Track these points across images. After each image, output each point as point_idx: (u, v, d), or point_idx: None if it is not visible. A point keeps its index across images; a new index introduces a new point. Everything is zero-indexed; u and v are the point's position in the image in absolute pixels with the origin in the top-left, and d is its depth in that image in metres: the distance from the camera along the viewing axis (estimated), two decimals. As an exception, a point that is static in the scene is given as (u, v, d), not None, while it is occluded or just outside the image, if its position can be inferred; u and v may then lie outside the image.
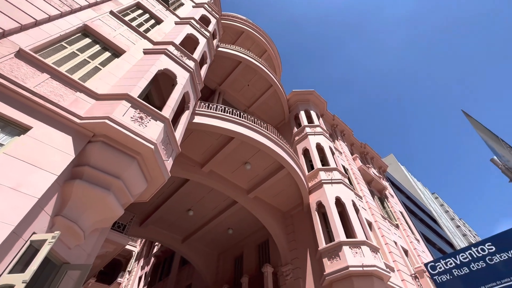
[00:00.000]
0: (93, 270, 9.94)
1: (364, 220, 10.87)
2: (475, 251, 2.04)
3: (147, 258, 26.77)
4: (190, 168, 10.48)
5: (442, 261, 2.19)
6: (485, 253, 1.99)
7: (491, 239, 2.00)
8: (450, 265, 2.10)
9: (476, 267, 1.98)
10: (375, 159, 22.75)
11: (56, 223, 4.16)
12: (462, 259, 2.08)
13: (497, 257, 1.91)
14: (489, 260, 1.95)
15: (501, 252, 1.91)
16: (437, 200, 50.92)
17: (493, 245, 1.98)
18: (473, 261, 2.01)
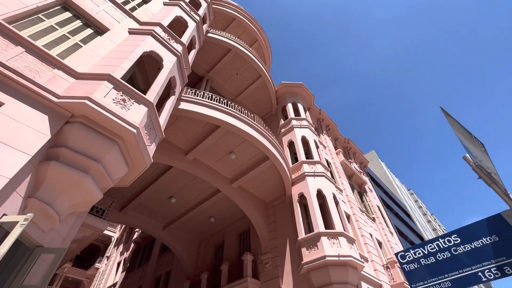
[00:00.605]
0: (69, 254, 9.71)
1: (343, 212, 11.24)
2: (442, 242, 2.18)
3: (127, 244, 26.49)
4: (174, 155, 10.33)
5: (411, 251, 2.32)
6: (451, 244, 2.13)
7: (457, 231, 2.15)
8: (419, 255, 2.24)
9: (442, 257, 2.12)
10: (357, 154, 23.38)
11: (29, 205, 4.00)
12: (429, 249, 2.22)
13: (461, 248, 2.05)
14: (454, 250, 2.09)
15: (465, 243, 2.05)
16: (412, 196, 53.47)
17: (459, 237, 2.12)
18: (440, 251, 2.15)
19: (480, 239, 2.02)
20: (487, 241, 1.97)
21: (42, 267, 4.19)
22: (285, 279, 10.18)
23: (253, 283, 10.61)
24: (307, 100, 18.20)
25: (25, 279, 3.91)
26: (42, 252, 4.16)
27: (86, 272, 27.72)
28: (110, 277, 24.97)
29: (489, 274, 1.89)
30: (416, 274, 2.20)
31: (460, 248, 2.07)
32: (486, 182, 2.03)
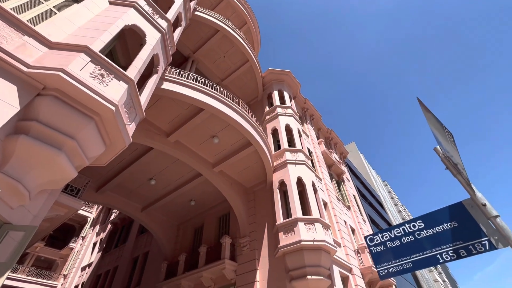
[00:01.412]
0: (41, 233, 9.39)
1: (320, 200, 11.63)
2: (407, 226, 2.35)
3: (104, 224, 26.04)
4: (155, 136, 10.08)
5: (379, 234, 2.48)
6: (415, 228, 2.30)
7: (421, 217, 2.32)
8: (386, 238, 2.41)
9: (406, 240, 2.29)
10: (338, 145, 24.00)
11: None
12: (396, 233, 2.38)
13: (424, 232, 2.23)
14: (417, 235, 2.26)
15: (428, 228, 2.23)
16: (386, 187, 56.22)
17: (423, 222, 2.30)
18: (405, 235, 2.32)
19: (441, 225, 2.19)
20: (448, 227, 2.15)
21: (10, 245, 4.03)
22: (262, 261, 10.52)
23: (230, 264, 10.88)
24: (293, 88, 18.21)
25: (-8, 256, 3.75)
26: (10, 229, 3.98)
27: (59, 251, 27.10)
28: (86, 257, 24.60)
29: (446, 256, 2.07)
30: (382, 256, 2.37)
31: (423, 232, 2.24)
32: (452, 172, 2.18)
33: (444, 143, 1.92)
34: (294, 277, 9.06)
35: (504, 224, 1.91)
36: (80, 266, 23.92)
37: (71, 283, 22.94)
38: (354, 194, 20.57)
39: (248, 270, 10.56)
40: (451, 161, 2.13)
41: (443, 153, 2.16)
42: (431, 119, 1.86)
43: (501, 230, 1.89)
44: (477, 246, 2.01)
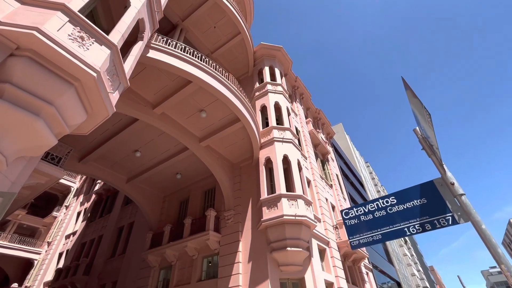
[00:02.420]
0: (22, 200, 9.22)
1: (304, 178, 11.98)
2: (381, 202, 2.52)
3: (88, 195, 25.87)
4: (140, 107, 9.78)
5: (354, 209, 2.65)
6: (388, 204, 2.47)
7: (394, 194, 2.49)
8: (360, 212, 2.58)
9: (378, 215, 2.46)
10: (325, 125, 24.29)
11: (-32, 145, 3.61)
12: (370, 208, 2.55)
13: (395, 208, 2.40)
14: (389, 210, 2.43)
15: (399, 204, 2.40)
16: (368, 168, 58.38)
17: (395, 198, 2.46)
18: (378, 210, 2.49)
19: (412, 201, 2.35)
20: (417, 203, 2.31)
21: (-12, 210, 3.96)
22: (245, 233, 10.95)
23: (214, 236, 11.27)
24: (284, 65, 17.86)
25: (-31, 221, 3.69)
26: (-13, 195, 3.89)
27: (42, 220, 26.94)
28: (70, 226, 24.66)
29: (412, 229, 2.25)
30: (355, 228, 2.55)
31: (395, 208, 2.41)
32: (427, 153, 2.30)
33: (422, 123, 1.99)
34: (274, 248, 9.55)
35: (468, 202, 2.09)
36: (64, 234, 24.03)
37: (56, 250, 23.14)
38: (337, 173, 21.27)
39: (231, 241, 11.00)
40: (427, 142, 2.24)
41: (421, 134, 2.26)
42: (412, 99, 1.91)
43: (465, 207, 2.07)
44: (441, 221, 2.20)
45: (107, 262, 17.24)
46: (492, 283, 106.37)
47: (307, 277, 9.56)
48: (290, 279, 9.69)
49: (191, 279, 11.58)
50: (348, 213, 2.65)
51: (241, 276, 9.87)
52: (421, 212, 2.23)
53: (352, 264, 15.12)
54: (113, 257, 17.12)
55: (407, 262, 44.48)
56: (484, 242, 1.86)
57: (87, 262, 17.83)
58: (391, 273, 26.74)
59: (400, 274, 31.79)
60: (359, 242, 2.50)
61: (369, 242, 2.45)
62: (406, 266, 42.07)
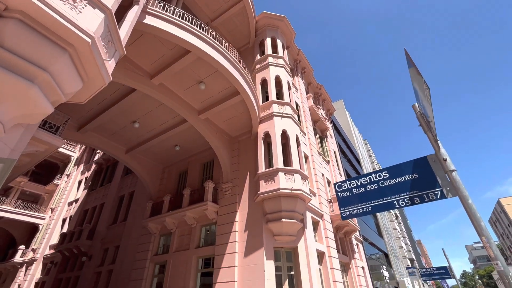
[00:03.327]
0: (22, 167, 9.35)
1: (302, 153, 12.10)
2: (373, 176, 2.60)
3: (88, 164, 26.21)
4: (138, 77, 9.55)
5: (347, 182, 2.74)
6: (380, 178, 2.55)
7: (387, 169, 2.56)
8: (352, 185, 2.67)
9: (370, 188, 2.56)
10: (326, 101, 24.00)
11: (-37, 110, 3.57)
12: (362, 181, 2.63)
13: (387, 182, 2.49)
14: (381, 184, 2.52)
15: (391, 178, 2.48)
16: (366, 145, 58.86)
17: (388, 173, 2.54)
18: (370, 184, 2.58)
19: (403, 176, 2.42)
20: (409, 178, 2.39)
21: (-10, 176, 4.03)
22: (242, 205, 11.31)
23: (212, 206, 11.64)
24: (287, 36, 17.17)
25: (-29, 185, 3.77)
26: (-13, 161, 3.94)
27: (44, 187, 27.59)
28: (72, 194, 25.30)
29: (402, 202, 2.35)
30: (347, 200, 2.65)
31: (387, 182, 2.48)
32: (423, 129, 2.32)
33: (422, 98, 1.99)
34: (270, 219, 9.93)
35: (458, 178, 2.15)
36: (67, 202, 24.74)
37: (59, 216, 23.97)
38: (335, 150, 21.46)
39: (229, 212, 11.40)
40: (425, 119, 2.24)
41: (419, 110, 2.26)
42: (413, 72, 1.88)
43: (454, 182, 2.14)
44: (430, 195, 2.29)
45: (109, 228, 17.97)
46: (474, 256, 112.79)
47: (300, 247, 10.06)
48: (284, 248, 10.20)
49: (190, 246, 12.18)
50: (341, 186, 2.74)
51: (237, 244, 10.38)
52: (411, 186, 2.31)
53: (343, 236, 15.85)
54: (115, 224, 17.81)
55: (396, 236, 46.63)
56: (469, 216, 1.94)
57: (90, 227, 18.59)
58: (380, 245, 28.16)
59: (389, 246, 33.50)
60: (350, 213, 2.61)
61: (359, 213, 2.56)
62: (395, 239, 44.18)
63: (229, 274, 9.81)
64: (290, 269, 9.95)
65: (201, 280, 11.39)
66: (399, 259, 39.46)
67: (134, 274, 13.31)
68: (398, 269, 33.60)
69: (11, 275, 23.69)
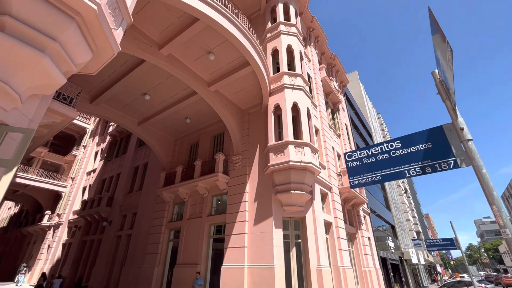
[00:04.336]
0: (42, 138, 9.76)
1: (313, 126, 11.97)
2: (385, 146, 2.57)
3: (102, 136, 27.00)
4: (146, 47, 9.38)
5: (358, 151, 2.72)
6: (392, 148, 2.52)
7: (400, 138, 2.52)
8: (363, 155, 2.65)
9: (381, 158, 2.54)
10: (339, 73, 23.10)
11: (-19, 80, 3.66)
12: (373, 151, 2.61)
13: (399, 151, 2.46)
14: (393, 153, 2.49)
15: (403, 148, 2.45)
16: (379, 119, 57.43)
17: (400, 142, 2.50)
18: (381, 153, 2.56)
19: (416, 146, 2.38)
20: (422, 147, 2.34)
21: (12, 145, 4.24)
22: (252, 176, 11.57)
23: (223, 177, 11.97)
24: (300, 2, 16.14)
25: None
26: (8, 131, 4.11)
27: (64, 158, 28.92)
28: (89, 164, 26.48)
29: (412, 172, 2.34)
30: (356, 170, 2.66)
31: (398, 151, 2.45)
32: (442, 97, 2.22)
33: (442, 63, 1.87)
34: (279, 190, 10.17)
35: (474, 147, 2.09)
36: (86, 171, 26.01)
37: (79, 185, 25.39)
38: (346, 123, 21.10)
39: (239, 183, 11.72)
40: (444, 86, 2.13)
41: (439, 77, 2.14)
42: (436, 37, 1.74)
43: (469, 152, 2.09)
44: (443, 165, 2.26)
45: (126, 197, 18.98)
46: (482, 230, 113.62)
47: (308, 217, 10.39)
48: (292, 217, 10.56)
49: (202, 214, 12.79)
50: (351, 156, 2.72)
51: (247, 213, 10.80)
52: (424, 156, 2.27)
53: (351, 208, 16.17)
54: (131, 192, 18.76)
55: (404, 209, 47.16)
56: (482, 185, 1.92)
57: (109, 195, 19.68)
58: (388, 217, 28.68)
59: (396, 219, 34.08)
60: (359, 182, 2.63)
61: (368, 182, 2.57)
62: (402, 212, 44.76)
63: (240, 240, 10.35)
64: (297, 237, 10.38)
65: (213, 245, 12.12)
66: (405, 231, 40.32)
67: (151, 238, 14.27)
68: (403, 241, 34.50)
69: (41, 237, 25.93)
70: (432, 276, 52.18)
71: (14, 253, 29.57)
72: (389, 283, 20.24)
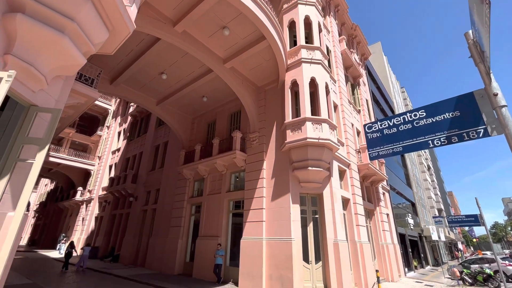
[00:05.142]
0: (69, 119, 10.30)
1: (331, 102, 11.61)
2: (408, 115, 2.44)
3: (124, 116, 27.93)
4: (160, 25, 9.28)
5: (378, 122, 2.62)
6: (416, 117, 2.39)
7: (425, 107, 2.37)
8: (384, 126, 2.55)
9: (403, 128, 2.43)
10: (361, 44, 21.80)
11: (8, 63, 3.84)
12: (395, 121, 2.50)
13: (423, 121, 2.33)
14: (416, 123, 2.37)
15: (428, 117, 2.31)
16: (402, 93, 54.47)
17: (425, 111, 2.36)
18: (403, 124, 2.44)
19: (443, 114, 2.24)
20: (448, 116, 2.20)
21: (42, 125, 4.51)
22: (269, 153, 11.64)
23: (240, 155, 12.15)
24: (319, -33, 14.97)
25: (30, 133, 4.27)
26: (38, 111, 4.35)
27: (90, 138, 30.50)
28: (113, 144, 27.78)
29: (437, 142, 2.22)
30: (376, 141, 2.57)
31: (422, 121, 2.32)
32: (475, 61, 2.03)
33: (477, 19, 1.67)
34: (296, 167, 10.20)
35: (508, 114, 1.93)
36: (111, 151, 27.38)
37: (106, 163, 26.90)
38: (367, 98, 20.25)
39: (256, 160, 11.86)
40: (478, 48, 1.93)
41: (472, 39, 1.94)
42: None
43: (502, 119, 1.93)
44: (471, 134, 2.12)
45: (149, 174, 19.92)
46: (510, 209, 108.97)
47: (325, 193, 10.43)
48: (310, 193, 10.66)
49: (221, 190, 13.22)
50: (371, 127, 2.63)
51: (265, 189, 11.03)
52: (450, 124, 2.14)
53: (370, 185, 15.99)
54: (154, 170, 19.64)
55: (426, 186, 45.95)
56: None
57: (133, 173, 20.75)
58: (408, 195, 28.16)
59: (417, 196, 33.40)
60: (378, 153, 2.55)
61: (389, 153, 2.49)
62: (424, 190, 43.70)
63: (258, 215, 10.69)
64: (314, 213, 10.54)
65: (233, 220, 12.63)
66: (426, 209, 39.60)
67: (174, 212, 15.09)
68: (424, 218, 34.02)
69: (76, 210, 28.27)
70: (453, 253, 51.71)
71: (54, 225, 32.65)
72: (407, 258, 20.35)
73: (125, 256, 17.77)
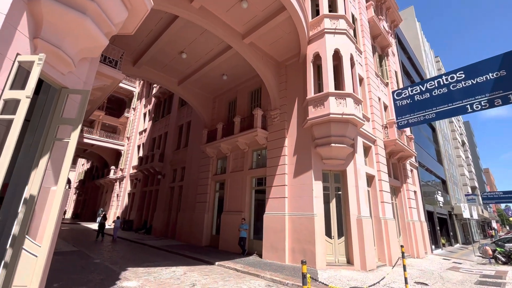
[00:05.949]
0: (97, 101, 10.79)
1: (356, 75, 10.99)
2: (444, 79, 2.23)
3: (148, 98, 28.75)
4: (178, 1, 9.10)
5: (409, 88, 2.44)
6: (453, 80, 2.18)
7: (463, 68, 2.13)
8: (415, 92, 2.38)
9: (437, 93, 2.24)
10: (391, 10, 19.96)
11: (38, 47, 4.01)
12: (428, 86, 2.31)
13: (461, 84, 2.12)
14: (453, 86, 2.16)
15: (468, 79, 2.09)
16: (437, 64, 49.96)
17: (464, 73, 2.13)
18: (437, 88, 2.24)
19: (485, 75, 2.01)
20: (492, 76, 1.97)
21: (74, 106, 4.76)
22: (290, 130, 11.50)
23: (261, 132, 12.14)
24: None
25: (63, 114, 4.54)
26: (69, 93, 4.58)
27: (118, 120, 32.02)
28: (140, 125, 28.97)
29: (476, 106, 2.02)
30: (406, 109, 2.41)
31: (460, 84, 2.12)
32: None
33: None
34: (319, 144, 10.02)
35: None
36: (138, 131, 28.66)
37: (134, 143, 28.32)
38: (396, 70, 18.89)
39: (278, 138, 11.80)
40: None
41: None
42: None
43: None
44: None
45: (174, 153, 20.73)
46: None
47: (348, 170, 10.22)
48: (332, 170, 10.52)
49: (243, 168, 13.47)
50: (401, 94, 2.48)
51: (286, 167, 11.05)
52: (494, 86, 1.92)
53: (397, 161, 15.39)
54: (179, 149, 20.37)
55: (459, 163, 43.34)
56: None
57: (160, 152, 21.71)
58: (439, 172, 26.82)
59: (448, 173, 31.73)
60: (408, 122, 2.42)
61: (419, 121, 2.33)
62: (457, 166, 41.32)
63: (280, 191, 10.84)
64: (337, 189, 10.45)
65: (255, 196, 12.94)
66: (458, 186, 37.66)
67: (200, 189, 15.75)
68: (455, 195, 32.49)
69: (110, 187, 30.56)
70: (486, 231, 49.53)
71: (92, 200, 35.75)
72: (434, 236, 19.85)
73: (156, 228, 19.16)
